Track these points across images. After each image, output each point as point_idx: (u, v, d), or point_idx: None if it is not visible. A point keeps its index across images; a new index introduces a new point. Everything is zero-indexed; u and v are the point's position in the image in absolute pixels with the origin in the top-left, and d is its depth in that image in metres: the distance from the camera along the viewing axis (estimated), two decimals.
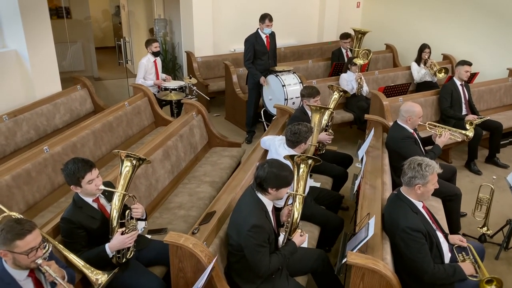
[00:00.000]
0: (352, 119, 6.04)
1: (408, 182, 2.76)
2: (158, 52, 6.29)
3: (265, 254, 2.61)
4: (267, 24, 5.70)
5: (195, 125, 4.80)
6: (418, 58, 6.78)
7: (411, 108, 3.97)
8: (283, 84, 5.59)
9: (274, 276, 2.76)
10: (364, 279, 2.41)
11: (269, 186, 2.62)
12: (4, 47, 5.33)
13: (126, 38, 7.68)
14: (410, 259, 2.68)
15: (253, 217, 2.59)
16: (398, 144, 3.95)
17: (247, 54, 5.78)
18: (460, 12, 7.31)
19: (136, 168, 2.79)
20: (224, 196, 3.22)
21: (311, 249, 3.20)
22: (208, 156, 4.83)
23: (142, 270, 2.90)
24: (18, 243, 2.10)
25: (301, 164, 2.83)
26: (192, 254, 2.52)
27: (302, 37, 8.87)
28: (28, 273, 2.23)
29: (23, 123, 4.84)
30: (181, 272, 2.61)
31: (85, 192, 2.74)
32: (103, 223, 2.79)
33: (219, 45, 7.89)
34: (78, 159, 2.72)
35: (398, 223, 2.71)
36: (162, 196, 4.01)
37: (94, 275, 2.35)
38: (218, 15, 7.65)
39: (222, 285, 2.58)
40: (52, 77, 5.59)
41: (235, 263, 2.75)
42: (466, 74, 5.48)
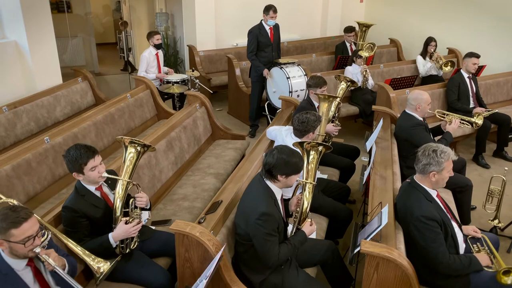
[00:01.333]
0: (357, 112, 5.95)
1: (422, 170, 2.67)
2: (160, 45, 6.20)
3: (275, 244, 2.51)
4: (271, 16, 5.60)
5: (199, 116, 4.71)
6: (423, 52, 6.68)
7: (419, 96, 3.88)
8: (288, 77, 5.49)
9: (283, 267, 2.66)
10: (378, 268, 2.32)
11: (278, 173, 2.52)
12: (3, 38, 5.23)
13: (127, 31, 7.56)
14: (424, 249, 2.59)
15: (262, 205, 2.49)
16: (409, 132, 3.86)
17: (250, 46, 5.69)
18: (466, 5, 7.22)
19: (141, 155, 2.70)
20: (230, 186, 3.13)
21: (321, 240, 3.11)
22: (212, 149, 4.74)
23: (146, 261, 2.81)
24: (14, 232, 2.00)
25: (311, 151, 2.73)
26: (199, 243, 2.42)
27: (305, 32, 8.78)
28: (27, 262, 2.14)
29: (23, 115, 4.74)
30: (188, 262, 2.52)
31: (88, 180, 2.65)
32: (106, 212, 2.70)
33: (221, 39, 7.79)
34: (81, 145, 2.63)
35: (412, 212, 2.62)
36: (165, 188, 3.91)
37: (95, 263, 2.26)
38: (220, 9, 7.55)
39: (230, 275, 2.48)
40: (52, 69, 5.49)
41: (243, 253, 2.65)
42: (474, 66, 5.39)
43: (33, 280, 2.15)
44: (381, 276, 2.32)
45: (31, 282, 2.14)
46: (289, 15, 8.08)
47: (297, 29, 8.65)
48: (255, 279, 2.61)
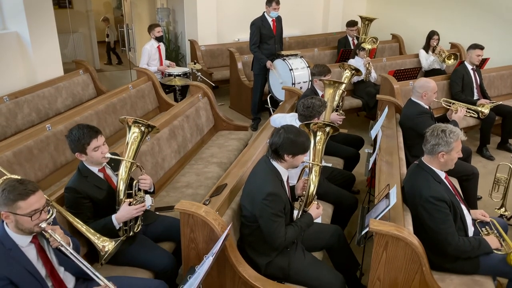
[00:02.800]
0: (360, 105, 5.92)
1: (431, 150, 2.63)
2: (161, 37, 6.17)
3: (281, 225, 2.47)
4: (274, 7, 5.58)
5: (201, 107, 4.67)
6: (426, 45, 6.66)
7: (426, 84, 3.85)
8: (291, 68, 5.46)
9: (289, 250, 2.62)
10: (387, 247, 2.27)
11: (285, 152, 2.48)
12: (4, 29, 5.20)
13: (128, 25, 7.53)
14: (433, 231, 2.54)
15: (269, 185, 2.45)
16: (414, 120, 3.82)
17: (253, 38, 5.66)
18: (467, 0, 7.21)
19: (145, 135, 2.65)
20: (234, 171, 3.09)
21: (327, 224, 3.07)
22: (215, 139, 4.70)
23: (150, 244, 2.77)
24: (21, 204, 1.96)
25: (318, 132, 2.69)
26: (204, 223, 2.38)
27: (307, 28, 8.76)
28: (31, 239, 2.10)
29: (24, 105, 4.70)
30: (193, 242, 2.47)
31: (91, 161, 2.61)
32: (109, 193, 2.66)
33: (223, 34, 7.77)
34: (84, 125, 2.59)
35: (420, 193, 2.57)
36: (168, 176, 3.87)
37: (100, 242, 2.22)
38: (222, 3, 7.53)
39: (236, 256, 2.44)
40: (54, 61, 5.46)
41: (248, 235, 2.61)
42: (478, 58, 5.35)
43: (36, 257, 2.11)
44: (390, 255, 2.28)
45: (34, 259, 2.10)
46: (291, 10, 8.05)
47: (298, 25, 8.62)
48: (261, 261, 2.57)
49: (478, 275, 2.62)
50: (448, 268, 2.63)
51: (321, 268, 2.60)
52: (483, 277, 2.61)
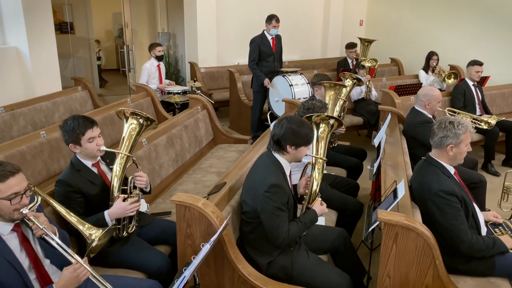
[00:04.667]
0: (361, 122, 5.85)
1: (439, 143, 2.52)
2: (161, 56, 6.19)
3: (284, 220, 2.32)
4: (274, 25, 5.62)
5: (200, 118, 4.59)
6: (425, 66, 6.67)
7: (430, 92, 3.79)
8: (291, 84, 5.43)
9: (292, 249, 2.46)
10: (397, 239, 2.12)
11: (287, 143, 2.37)
12: (4, 44, 5.21)
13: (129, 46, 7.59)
14: (445, 228, 2.40)
15: (271, 176, 2.33)
16: (416, 129, 3.74)
17: (252, 55, 5.67)
18: (465, 21, 7.29)
19: (143, 128, 2.55)
20: (234, 171, 2.97)
21: (331, 227, 2.92)
22: (214, 151, 4.59)
23: (144, 246, 2.61)
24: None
25: (321, 124, 2.59)
26: (202, 216, 2.24)
27: (306, 53, 8.85)
28: (13, 227, 1.95)
29: (20, 117, 4.63)
30: (189, 238, 2.32)
31: (85, 153, 2.49)
32: (103, 189, 2.53)
33: (223, 58, 7.82)
34: (79, 116, 2.50)
35: (430, 187, 2.45)
36: (165, 185, 3.74)
37: (86, 229, 2.06)
38: (222, 28, 7.62)
39: (235, 253, 2.28)
40: (52, 76, 5.47)
41: (249, 233, 2.45)
42: (477, 74, 5.34)
43: (19, 247, 1.96)
44: (401, 248, 2.12)
45: (17, 250, 1.94)
46: (290, 36, 8.14)
47: (297, 50, 8.71)
48: (262, 260, 2.41)
49: (493, 277, 2.45)
50: (462, 270, 2.46)
51: (326, 268, 2.43)
52: (499, 279, 2.44)
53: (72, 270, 1.87)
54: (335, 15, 8.91)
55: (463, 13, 7.31)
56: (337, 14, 8.92)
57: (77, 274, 1.87)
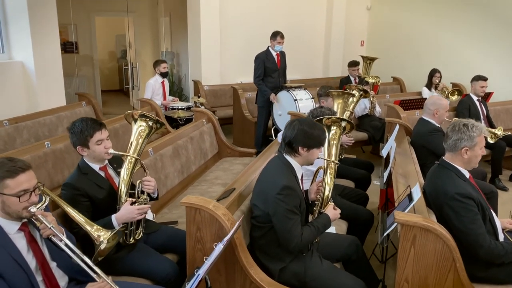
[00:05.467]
0: (366, 138, 5.82)
1: (453, 146, 2.48)
2: (166, 73, 6.21)
3: (297, 223, 2.26)
4: (279, 41, 5.66)
5: (206, 131, 4.56)
6: (428, 83, 6.70)
7: (438, 101, 3.78)
8: (295, 99, 5.43)
9: (305, 255, 2.38)
10: (415, 242, 2.05)
11: (299, 145, 2.33)
12: (10, 59, 5.23)
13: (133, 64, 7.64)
14: (462, 232, 2.32)
15: (283, 178, 2.28)
16: (426, 138, 3.71)
17: (257, 71, 5.70)
18: (467, 38, 7.36)
19: (152, 131, 2.51)
20: (243, 178, 2.91)
21: (343, 235, 2.84)
22: (219, 164, 4.54)
23: (151, 252, 2.53)
24: (9, 183, 1.78)
25: (332, 126, 2.55)
26: (213, 218, 2.17)
27: (308, 72, 8.89)
28: (20, 226, 1.88)
29: (24, 131, 4.59)
30: (199, 243, 2.25)
31: (93, 156, 2.45)
32: (110, 194, 2.47)
33: (225, 76, 7.85)
34: (87, 118, 2.47)
35: (445, 190, 2.39)
36: (170, 196, 3.67)
37: (95, 231, 1.99)
38: (225, 48, 7.68)
39: (247, 257, 2.21)
40: (57, 91, 5.46)
41: (260, 238, 2.38)
42: (482, 89, 5.35)
43: (26, 247, 1.89)
44: (419, 251, 2.05)
45: (24, 249, 1.87)
46: (292, 55, 8.16)
47: (299, 69, 8.76)
48: (274, 266, 2.32)
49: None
50: (481, 277, 2.37)
51: (341, 275, 2.35)
52: None
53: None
54: (336, 36, 9.00)
55: (465, 31, 7.38)
56: (338, 35, 9.01)
57: None
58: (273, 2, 7.94)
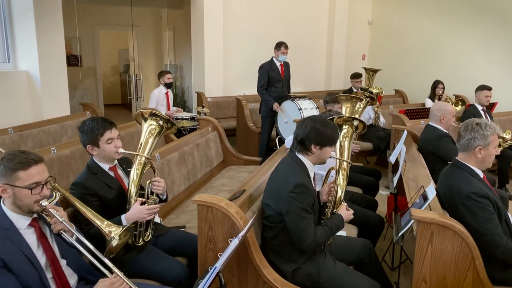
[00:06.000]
0: (371, 148, 5.79)
1: (466, 146, 2.45)
2: (170, 84, 6.22)
3: (310, 222, 2.21)
4: (283, 51, 5.70)
5: (211, 139, 4.54)
6: (432, 94, 6.73)
7: (443, 107, 3.77)
8: (300, 108, 5.43)
9: (318, 256, 2.34)
10: (433, 239, 2.01)
11: (312, 143, 2.30)
12: (15, 68, 5.24)
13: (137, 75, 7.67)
14: (478, 232, 2.27)
15: (296, 176, 2.24)
16: (434, 144, 3.68)
17: (261, 81, 5.72)
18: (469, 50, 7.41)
19: (163, 130, 2.48)
20: (253, 180, 2.88)
21: (355, 238, 2.79)
22: (225, 172, 4.51)
23: (161, 254, 2.48)
24: (21, 175, 1.75)
25: (343, 125, 2.53)
26: (225, 216, 2.13)
27: (310, 85, 8.93)
28: (31, 221, 1.85)
29: (29, 139, 4.57)
30: (211, 242, 2.20)
31: (103, 155, 2.42)
32: (119, 194, 2.43)
33: (228, 89, 7.88)
34: (98, 117, 2.45)
35: (459, 190, 2.35)
36: (177, 202, 3.63)
37: (105, 227, 1.95)
38: (228, 61, 7.73)
39: (260, 257, 2.16)
40: (61, 100, 5.47)
41: (272, 238, 2.33)
42: (487, 99, 5.35)
43: (36, 243, 1.84)
44: (437, 248, 2.01)
45: (34, 245, 1.83)
46: (294, 68, 8.23)
47: (301, 82, 8.80)
48: (287, 267, 2.27)
49: None
50: (499, 279, 2.31)
51: (355, 276, 2.30)
52: None
53: (109, 284, 1.75)
54: (338, 49, 9.07)
55: (467, 42, 7.43)
56: (340, 48, 9.08)
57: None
58: (275, 16, 8.03)
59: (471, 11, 7.33)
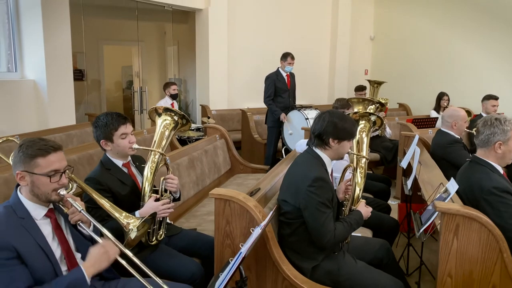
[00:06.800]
0: (378, 158, 5.75)
1: (486, 141, 2.42)
2: (176, 95, 6.22)
3: (330, 217, 2.16)
4: (289, 62, 5.72)
5: (219, 146, 4.51)
6: (437, 106, 6.73)
7: (455, 113, 3.75)
8: (306, 118, 5.41)
9: (337, 254, 2.27)
10: (458, 232, 1.96)
11: (330, 137, 2.26)
12: (22, 77, 5.24)
13: (142, 88, 7.68)
14: (501, 228, 2.20)
15: (314, 170, 2.20)
16: (446, 149, 3.65)
17: (268, 91, 5.72)
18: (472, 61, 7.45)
19: (178, 126, 2.45)
20: (267, 180, 2.83)
21: (373, 238, 2.72)
22: (233, 180, 4.45)
23: (175, 253, 2.41)
24: (40, 161, 1.71)
25: (360, 120, 2.50)
26: (243, 210, 2.08)
27: (313, 99, 8.94)
28: (47, 212, 1.79)
29: None
30: (228, 238, 2.14)
31: (116, 151, 2.38)
32: (133, 191, 2.38)
33: (232, 102, 7.89)
34: (112, 112, 2.41)
35: (481, 185, 2.30)
36: (186, 207, 3.57)
37: (124, 218, 1.90)
38: (232, 75, 7.77)
39: (279, 253, 2.10)
40: (67, 110, 5.43)
41: (289, 235, 2.27)
42: (494, 108, 5.34)
43: (51, 235, 1.79)
44: (463, 242, 1.95)
45: (49, 236, 1.77)
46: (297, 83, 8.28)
47: (305, 97, 8.81)
48: (306, 265, 2.20)
49: None
50: None
51: (377, 274, 2.23)
52: None
53: (100, 246, 1.70)
54: (340, 64, 9.14)
55: (471, 54, 7.48)
56: (342, 63, 9.15)
57: (105, 250, 1.70)
58: (279, 30, 8.11)
59: (472, 22, 7.40)
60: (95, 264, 1.68)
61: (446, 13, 7.86)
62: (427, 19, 8.20)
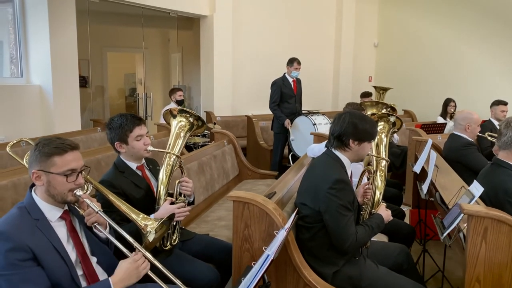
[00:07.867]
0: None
1: (508, 143, 2.38)
2: (182, 101, 6.18)
3: (351, 221, 2.09)
4: (296, 67, 5.69)
5: (227, 151, 4.45)
6: (443, 112, 6.69)
7: (469, 116, 3.70)
8: (314, 123, 5.37)
9: (358, 259, 2.20)
10: (486, 235, 1.89)
11: (350, 137, 2.20)
12: (28, 83, 5.20)
13: (147, 94, 7.64)
14: None
15: (335, 172, 2.14)
16: (460, 152, 3.59)
17: (274, 97, 5.69)
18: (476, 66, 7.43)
19: (194, 128, 2.39)
20: (281, 184, 2.76)
21: (392, 243, 2.65)
22: (241, 185, 4.39)
23: (190, 258, 2.35)
24: (56, 160, 1.66)
25: (379, 122, 2.44)
26: (263, 213, 2.02)
27: (317, 106, 8.87)
28: (62, 213, 1.73)
29: None
30: (247, 242, 2.07)
31: (131, 153, 2.32)
32: (147, 194, 2.32)
33: (237, 109, 7.86)
34: (126, 114, 2.36)
35: (505, 188, 2.26)
36: (197, 213, 3.50)
37: (141, 220, 1.83)
38: (237, 82, 7.74)
39: (299, 257, 2.03)
40: (73, 115, 5.38)
41: (309, 240, 2.20)
42: (503, 113, 5.30)
43: (66, 237, 1.72)
44: (491, 245, 1.88)
45: (64, 239, 1.71)
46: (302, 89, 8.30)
47: (309, 103, 8.76)
48: (327, 270, 2.13)
49: None
50: None
51: (399, 279, 2.16)
52: None
53: (132, 261, 1.63)
54: (344, 71, 9.12)
55: (475, 60, 7.47)
56: (346, 71, 9.13)
57: (137, 266, 1.63)
58: (283, 37, 8.10)
59: (477, 27, 7.40)
60: (124, 280, 1.62)
61: (450, 19, 7.87)
62: (431, 25, 8.20)
